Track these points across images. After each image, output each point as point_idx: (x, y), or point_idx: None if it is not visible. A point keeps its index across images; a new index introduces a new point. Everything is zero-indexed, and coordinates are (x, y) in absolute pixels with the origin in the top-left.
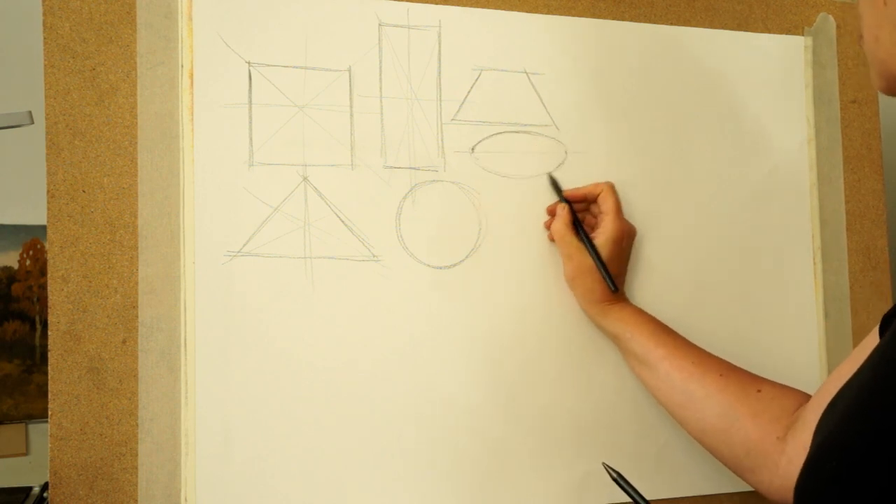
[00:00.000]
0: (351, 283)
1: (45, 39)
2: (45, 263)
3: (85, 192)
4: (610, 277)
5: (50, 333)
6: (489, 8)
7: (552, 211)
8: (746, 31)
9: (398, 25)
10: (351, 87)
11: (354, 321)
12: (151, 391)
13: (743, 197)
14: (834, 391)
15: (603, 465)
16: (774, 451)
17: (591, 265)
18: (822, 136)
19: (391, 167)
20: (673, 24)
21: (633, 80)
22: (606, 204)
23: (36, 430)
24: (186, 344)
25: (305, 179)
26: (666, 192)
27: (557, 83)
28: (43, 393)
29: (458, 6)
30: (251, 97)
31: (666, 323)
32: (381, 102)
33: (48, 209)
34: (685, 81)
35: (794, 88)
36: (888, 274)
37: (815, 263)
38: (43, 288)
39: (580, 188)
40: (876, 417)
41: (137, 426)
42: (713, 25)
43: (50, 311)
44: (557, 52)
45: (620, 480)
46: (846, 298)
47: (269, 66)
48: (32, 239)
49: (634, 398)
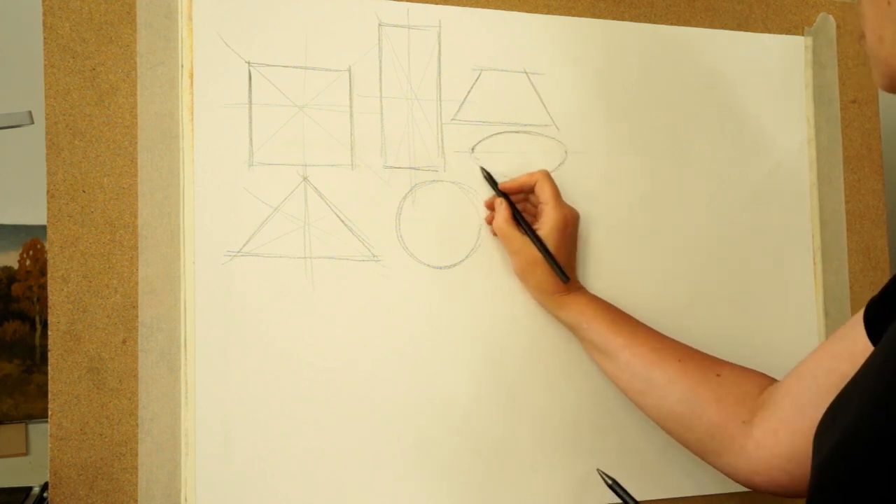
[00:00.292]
0: (351, 283)
1: (45, 39)
2: (45, 263)
3: (85, 192)
4: (559, 268)
5: (50, 333)
6: (489, 8)
7: (490, 205)
8: (746, 31)
9: (398, 25)
10: (351, 87)
11: (354, 321)
12: (151, 391)
13: (743, 197)
14: (808, 377)
15: (598, 471)
16: (740, 434)
17: (538, 257)
18: (822, 136)
19: (391, 167)
20: (673, 24)
21: (633, 80)
22: (544, 193)
23: (36, 430)
24: (186, 344)
25: (305, 179)
26: (666, 191)
27: (557, 83)
28: (43, 393)
29: (458, 6)
30: (251, 97)
31: (667, 324)
32: (381, 102)
33: (48, 209)
34: (685, 81)
35: (794, 88)
36: (888, 274)
37: (815, 263)
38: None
39: (515, 179)
40: (889, 428)
41: (137, 426)
42: (713, 25)
43: (50, 311)
44: (557, 52)
45: (616, 487)
46: (846, 298)
47: (269, 66)
48: (32, 239)
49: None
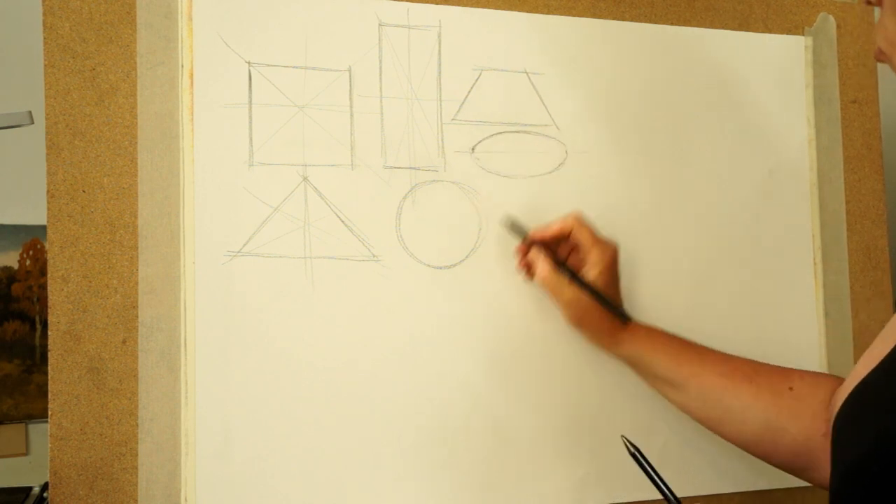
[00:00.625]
0: (351, 283)
1: (45, 39)
2: (45, 263)
3: (85, 192)
4: (621, 311)
5: (50, 333)
6: (489, 8)
7: (524, 251)
8: (746, 31)
9: (398, 25)
10: (351, 87)
11: (354, 321)
12: (151, 391)
13: (743, 197)
14: (862, 373)
15: (622, 437)
16: (822, 448)
17: (590, 303)
18: (822, 136)
19: (391, 167)
20: (673, 24)
21: (633, 80)
22: (584, 238)
23: (36, 430)
24: (186, 344)
25: (305, 179)
26: (666, 192)
27: (557, 83)
28: (43, 393)
29: (458, 6)
30: (251, 97)
31: (667, 324)
32: (381, 102)
33: (48, 209)
34: (685, 81)
35: (794, 88)
36: (888, 274)
37: (815, 263)
38: (43, 288)
39: (549, 227)
40: None
41: (137, 426)
42: (713, 25)
43: (50, 311)
44: (557, 52)
45: (638, 455)
46: (846, 298)
47: (269, 66)
48: (32, 239)
49: (635, 398)
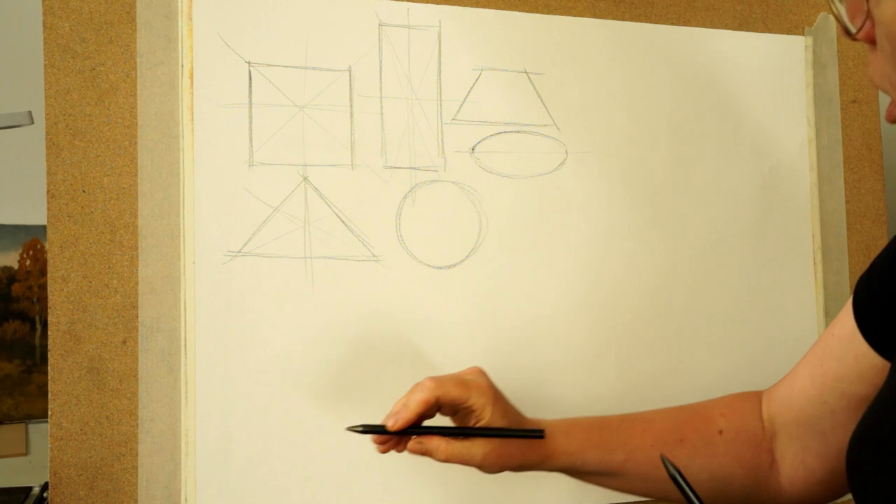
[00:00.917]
0: (351, 283)
1: (45, 39)
2: (45, 263)
3: (85, 192)
4: (536, 433)
5: (50, 333)
6: (489, 8)
7: (385, 441)
8: (746, 31)
9: (398, 25)
10: (351, 87)
11: (354, 321)
12: (151, 391)
13: (743, 197)
14: (817, 403)
15: (661, 457)
16: (772, 479)
17: (503, 446)
18: (822, 136)
19: (391, 167)
20: (673, 24)
21: (633, 80)
22: (454, 398)
23: (36, 430)
24: (186, 344)
25: (305, 179)
26: (666, 192)
27: (557, 83)
28: (43, 393)
29: (458, 6)
30: (251, 97)
31: (666, 324)
32: (381, 102)
33: (48, 209)
34: (685, 81)
35: (794, 88)
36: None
37: (815, 263)
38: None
39: (408, 409)
40: None
41: (137, 426)
42: (713, 25)
43: (50, 311)
44: (557, 52)
45: (678, 477)
46: (846, 298)
47: (269, 66)
48: (32, 239)
49: (634, 397)
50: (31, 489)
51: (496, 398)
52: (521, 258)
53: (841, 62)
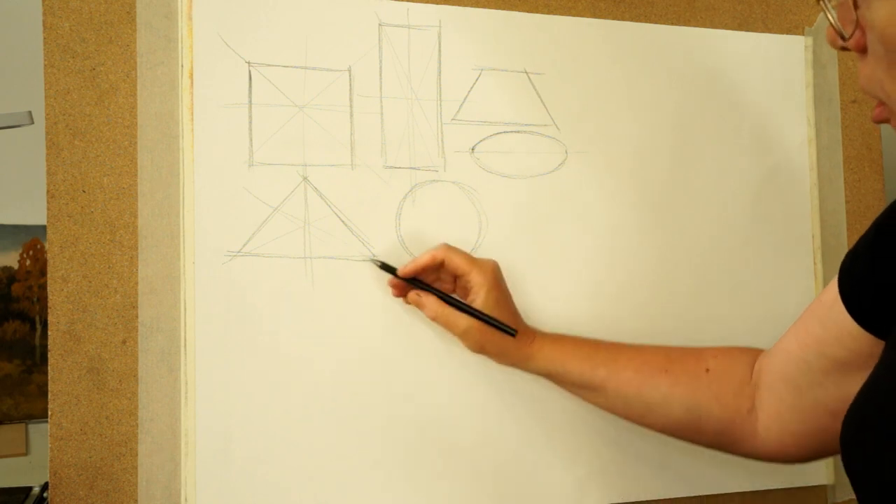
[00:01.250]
0: (351, 283)
1: (45, 39)
2: (45, 263)
3: (85, 192)
4: (508, 329)
5: (50, 333)
6: (489, 8)
7: (397, 286)
8: (746, 31)
9: (398, 25)
10: (351, 87)
11: (354, 321)
12: (151, 391)
13: (743, 197)
14: (798, 360)
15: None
16: (748, 423)
17: (487, 328)
18: (822, 136)
19: (391, 167)
20: (673, 24)
21: (633, 80)
22: (460, 265)
23: (36, 430)
24: (186, 344)
25: (305, 179)
26: (666, 191)
27: (557, 83)
28: (43, 393)
29: (458, 6)
30: (251, 97)
31: (666, 324)
32: (381, 102)
33: (48, 209)
34: (685, 81)
35: (794, 88)
36: None
37: (815, 263)
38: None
39: (418, 261)
40: None
41: (137, 426)
42: (713, 25)
43: (50, 311)
44: (557, 52)
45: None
46: None
47: (269, 66)
48: (32, 239)
49: None
50: (31, 489)
51: (495, 287)
52: (521, 258)
53: (841, 62)
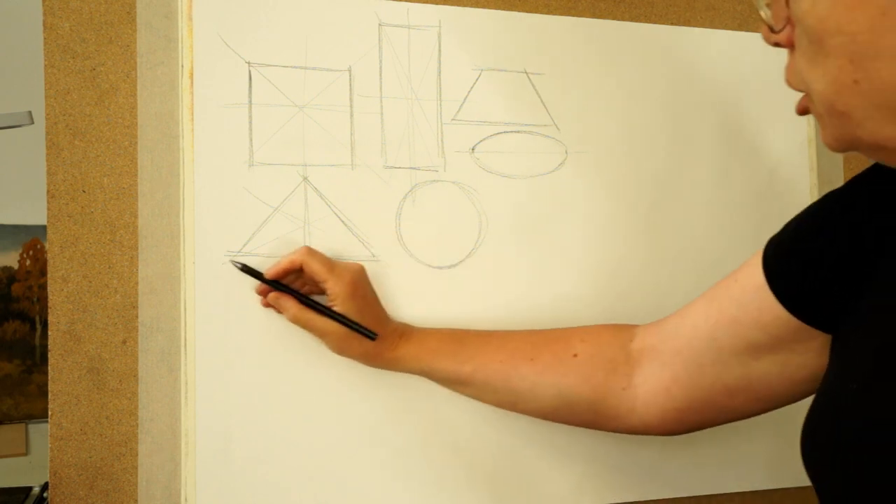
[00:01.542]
0: None
1: (45, 39)
2: (45, 263)
3: (85, 192)
4: (368, 332)
5: (50, 333)
6: (489, 8)
7: (263, 292)
8: (746, 31)
9: (398, 25)
10: (351, 87)
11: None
12: (151, 391)
13: (743, 197)
14: (706, 338)
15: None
16: (623, 401)
17: (346, 336)
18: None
19: (391, 167)
20: (673, 24)
21: (633, 80)
22: (315, 272)
23: (36, 430)
24: (186, 344)
25: (305, 179)
26: (666, 192)
27: (557, 83)
28: (43, 393)
29: (458, 6)
30: (251, 97)
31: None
32: (381, 102)
33: (48, 209)
34: (685, 81)
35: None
36: None
37: None
38: (43, 288)
39: (279, 263)
40: None
41: (137, 426)
42: (713, 25)
43: (50, 311)
44: (557, 52)
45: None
46: None
47: (269, 66)
48: (32, 239)
49: None
50: (31, 489)
51: (355, 295)
52: (521, 258)
53: None
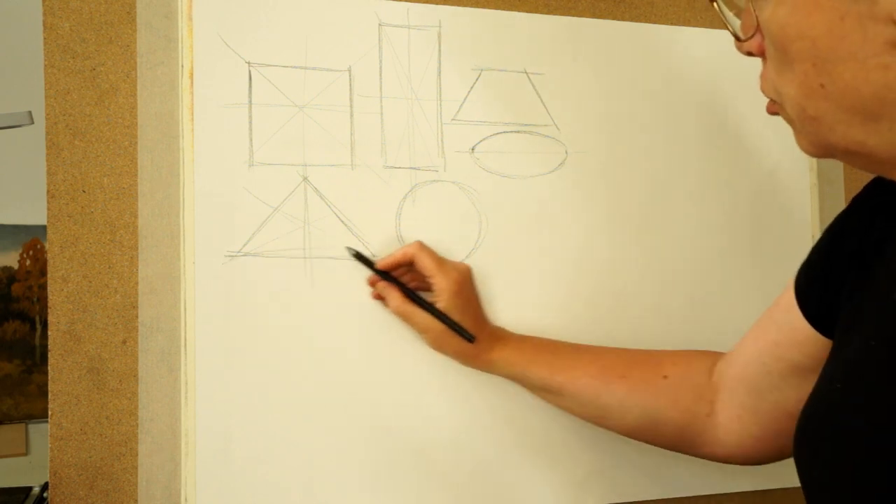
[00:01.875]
0: (351, 283)
1: (45, 39)
2: (45, 263)
3: (85, 192)
4: (466, 334)
5: (50, 333)
6: (489, 8)
7: (374, 282)
8: None
9: (398, 25)
10: (351, 87)
11: (354, 321)
12: (151, 391)
13: (743, 197)
14: (757, 363)
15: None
16: (707, 427)
17: (445, 333)
18: None
19: (391, 167)
20: (673, 24)
21: (632, 80)
22: (426, 266)
23: (36, 430)
24: (186, 344)
25: (305, 179)
26: (666, 192)
27: (557, 83)
28: (43, 393)
29: (458, 6)
30: (251, 97)
31: (666, 324)
32: (381, 102)
33: (48, 209)
34: (685, 81)
35: None
36: None
37: None
38: (43, 288)
39: (392, 255)
40: None
41: (137, 426)
42: (713, 25)
43: (50, 311)
44: (557, 52)
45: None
46: None
47: (269, 66)
48: (32, 239)
49: None
50: (31, 489)
51: (457, 294)
52: (520, 258)
53: None
